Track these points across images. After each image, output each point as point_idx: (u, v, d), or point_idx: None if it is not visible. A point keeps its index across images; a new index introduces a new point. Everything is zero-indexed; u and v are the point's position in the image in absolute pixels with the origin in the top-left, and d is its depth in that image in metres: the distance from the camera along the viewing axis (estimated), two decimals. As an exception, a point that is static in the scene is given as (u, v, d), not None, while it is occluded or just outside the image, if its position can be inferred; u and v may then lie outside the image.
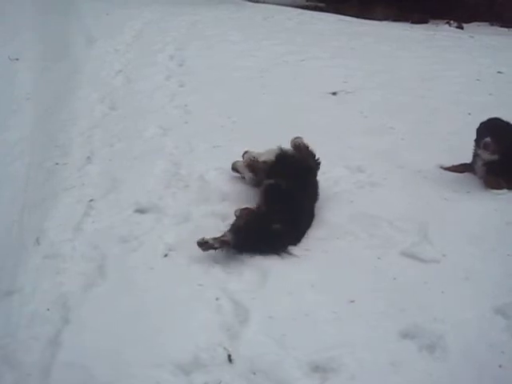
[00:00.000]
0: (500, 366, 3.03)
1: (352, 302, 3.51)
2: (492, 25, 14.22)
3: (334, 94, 7.82)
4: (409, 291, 3.60)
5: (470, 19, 14.18)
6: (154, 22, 12.46)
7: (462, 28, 13.90)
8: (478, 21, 14.29)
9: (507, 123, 5.04)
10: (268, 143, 5.66)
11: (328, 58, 9.57)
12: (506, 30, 13.68)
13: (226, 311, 3.46)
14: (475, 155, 5.23)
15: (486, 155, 5.03)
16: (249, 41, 10.55)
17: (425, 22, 14.44)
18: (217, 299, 3.55)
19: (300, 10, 14.79)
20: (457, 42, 11.13)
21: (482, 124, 5.14)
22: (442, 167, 5.51)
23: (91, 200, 4.80)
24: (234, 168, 5.20)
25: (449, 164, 5.52)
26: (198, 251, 3.98)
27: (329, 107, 7.30)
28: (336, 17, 14.02)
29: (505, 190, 4.96)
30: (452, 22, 14.19)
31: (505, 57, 9.84)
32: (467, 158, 5.40)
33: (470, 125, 6.41)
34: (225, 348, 3.15)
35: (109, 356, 3.13)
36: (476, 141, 5.14)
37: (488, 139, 4.90)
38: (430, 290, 3.61)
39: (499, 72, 8.87)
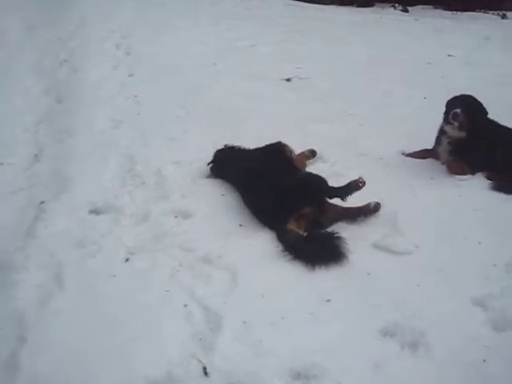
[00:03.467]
0: (484, 361, 2.95)
1: (328, 301, 3.36)
2: (436, 8, 14.33)
3: (288, 80, 7.68)
4: (385, 286, 3.47)
5: (415, 2, 14.25)
6: (99, 8, 11.91)
7: (407, 11, 13.96)
8: (422, 4, 14.38)
9: (477, 100, 4.98)
10: (225, 133, 5.48)
11: (278, 43, 9.41)
12: (449, 13, 13.80)
13: (197, 319, 3.24)
14: (440, 135, 5.16)
15: (453, 131, 4.96)
16: (197, 27, 10.25)
17: (370, 5, 14.43)
18: (185, 306, 3.33)
19: (246, -5, 14.52)
20: (404, 26, 11.14)
21: (453, 97, 5.08)
22: (403, 153, 5.44)
23: (42, 202, 4.47)
24: None
25: (409, 150, 5.46)
26: (160, 253, 3.76)
27: (284, 94, 7.15)
28: (283, 1, 13.80)
29: (468, 176, 4.92)
30: (397, 5, 14.23)
31: (453, 40, 9.91)
32: (427, 143, 5.34)
33: (426, 109, 6.46)
34: (199, 360, 2.94)
35: (74, 377, 2.88)
36: (445, 114, 5.07)
37: (458, 110, 4.83)
38: (406, 283, 3.50)
39: (449, 55, 8.91)
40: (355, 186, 4.18)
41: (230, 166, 4.79)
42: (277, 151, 4.84)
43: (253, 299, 3.37)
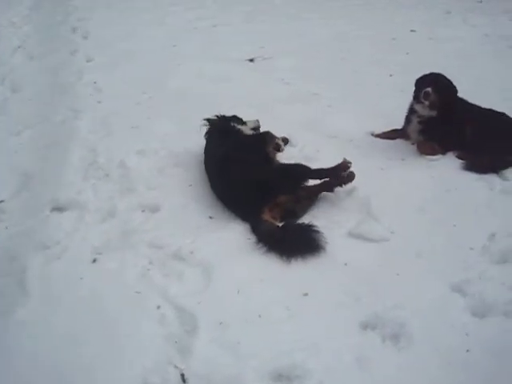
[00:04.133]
0: (468, 351, 2.89)
1: (305, 294, 3.26)
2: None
3: (251, 60, 7.52)
4: (363, 276, 3.39)
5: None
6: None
7: (367, -15, 13.79)
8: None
9: (447, 79, 4.91)
10: (189, 118, 5.31)
11: (240, 23, 9.20)
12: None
13: (171, 321, 3.11)
14: (409, 114, 5.09)
15: (423, 110, 4.89)
16: (157, 8, 9.97)
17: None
18: (158, 308, 3.20)
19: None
20: (367, 1, 10.96)
21: (423, 76, 4.99)
22: (372, 134, 5.35)
23: (1, 201, 4.27)
24: None
25: (379, 130, 5.37)
26: (129, 252, 3.61)
27: (248, 75, 6.99)
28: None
29: (439, 156, 4.86)
30: (358, -22, 14.06)
31: (415, 14, 9.81)
32: (396, 123, 5.27)
33: (393, 86, 6.37)
34: (176, 366, 2.82)
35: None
36: (415, 93, 4.98)
37: (429, 89, 4.75)
38: (385, 272, 3.42)
39: (412, 30, 8.83)
40: (344, 166, 4.12)
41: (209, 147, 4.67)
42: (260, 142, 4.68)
43: (228, 296, 3.25)
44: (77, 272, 3.49)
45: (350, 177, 4.13)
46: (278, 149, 4.79)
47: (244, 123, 4.89)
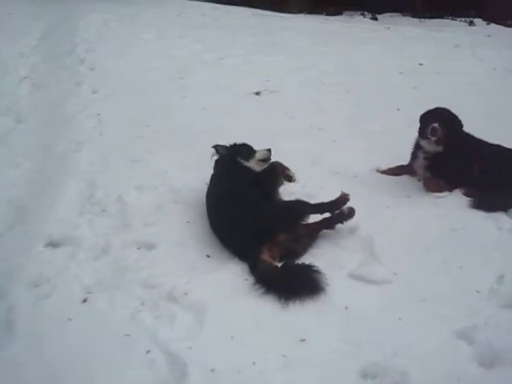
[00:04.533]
0: (473, 406, 2.72)
1: (302, 340, 3.11)
2: (404, 15, 14.29)
3: (258, 93, 7.45)
4: (363, 321, 3.23)
5: (382, 9, 14.17)
6: (62, 21, 11.62)
7: (376, 19, 13.90)
8: (390, 11, 14.31)
9: (453, 113, 4.80)
10: (191, 153, 5.22)
11: (247, 55, 9.18)
12: (418, 20, 13.76)
13: (160, 367, 2.96)
14: (415, 150, 4.98)
15: (429, 145, 4.77)
16: (164, 39, 9.99)
17: (339, 13, 14.34)
18: (148, 352, 3.05)
19: (212, 4, 14.32)
20: (375, 34, 10.99)
21: (428, 111, 4.88)
22: (378, 170, 5.23)
23: (-6, 236, 4.17)
24: None
25: (384, 166, 5.25)
26: (121, 291, 3.48)
27: (253, 109, 6.92)
28: (251, 11, 13.66)
29: (445, 193, 4.72)
30: (366, 13, 14.15)
31: (423, 48, 9.80)
32: (402, 159, 5.15)
33: (399, 121, 6.27)
34: (163, 417, 2.66)
35: None
36: (420, 129, 4.87)
37: (436, 124, 4.63)
38: (386, 317, 3.26)
39: (420, 64, 8.78)
40: (343, 199, 4.02)
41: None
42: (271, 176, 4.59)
43: (221, 342, 3.10)
44: (65, 312, 3.35)
45: (351, 213, 4.00)
46: (290, 180, 4.73)
47: (254, 152, 4.70)
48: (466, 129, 4.84)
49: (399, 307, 3.33)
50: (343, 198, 4.02)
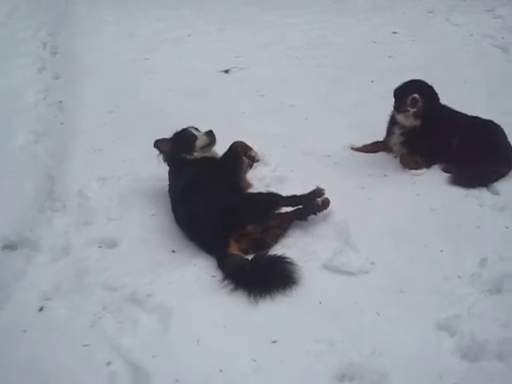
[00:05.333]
0: (457, 405, 2.54)
1: (274, 342, 2.90)
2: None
3: (227, 71, 7.18)
4: (339, 317, 3.02)
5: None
6: (22, 3, 11.15)
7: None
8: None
9: (430, 85, 4.57)
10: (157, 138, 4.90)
11: (215, 32, 8.86)
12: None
13: (122, 379, 2.74)
14: (391, 125, 4.76)
15: (406, 120, 4.56)
16: (126, 19, 9.59)
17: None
18: (108, 364, 2.83)
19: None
20: (343, 5, 10.58)
21: (403, 84, 4.65)
22: (352, 148, 5.01)
23: None
24: None
25: (359, 143, 5.03)
26: (80, 296, 3.25)
27: (222, 87, 6.64)
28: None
29: (423, 170, 4.52)
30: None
31: (396, 16, 9.49)
32: (378, 135, 4.93)
33: (374, 94, 6.03)
34: None
35: None
36: (395, 103, 4.65)
37: (416, 95, 4.40)
38: (363, 312, 3.06)
39: (394, 32, 8.50)
40: (318, 194, 3.82)
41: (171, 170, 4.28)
42: (231, 161, 4.29)
43: (187, 348, 2.88)
44: (20, 323, 3.11)
45: (325, 204, 3.78)
46: (253, 160, 4.51)
47: (195, 140, 4.26)
48: (442, 100, 4.62)
49: (376, 300, 3.13)
50: (317, 193, 3.81)
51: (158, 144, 4.30)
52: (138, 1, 10.92)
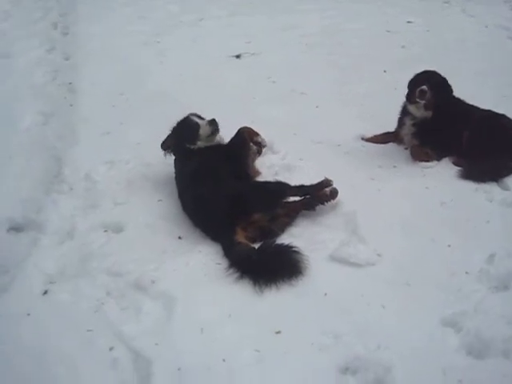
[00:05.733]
0: (460, 402, 2.51)
1: (278, 333, 2.88)
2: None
3: (238, 56, 7.11)
4: (344, 310, 3.00)
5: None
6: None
7: (363, -26, 13.36)
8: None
9: (443, 77, 4.51)
10: (167, 122, 4.87)
11: (227, 16, 8.75)
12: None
13: (124, 366, 2.73)
14: (402, 116, 4.71)
15: (418, 111, 4.51)
16: (140, 1, 9.50)
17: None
18: (111, 349, 2.82)
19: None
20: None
21: (416, 75, 4.59)
22: (363, 138, 4.96)
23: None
24: None
25: (369, 133, 4.98)
26: (85, 280, 3.24)
27: (233, 73, 6.59)
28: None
29: (433, 162, 4.47)
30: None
31: (411, 4, 9.35)
32: (388, 125, 4.88)
33: (386, 84, 5.97)
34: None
35: None
36: (408, 94, 4.59)
37: (425, 87, 4.35)
38: (369, 305, 3.03)
39: (409, 22, 8.39)
40: (326, 184, 3.78)
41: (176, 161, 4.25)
42: (238, 147, 4.25)
43: (190, 336, 2.86)
44: (24, 307, 3.10)
45: (333, 194, 3.75)
46: (260, 146, 4.46)
47: (198, 129, 4.20)
48: (456, 92, 4.56)
49: (383, 293, 3.10)
50: (325, 184, 3.78)
51: (164, 145, 4.25)
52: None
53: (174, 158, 4.25)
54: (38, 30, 8.42)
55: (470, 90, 4.81)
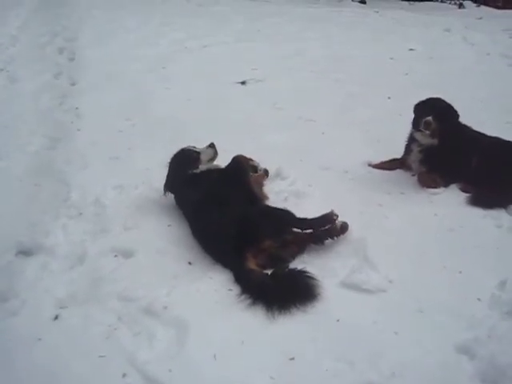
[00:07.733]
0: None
1: (291, 359, 2.86)
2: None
3: (243, 83, 7.19)
4: (357, 336, 2.98)
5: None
6: (42, 9, 11.26)
7: (364, 2, 13.67)
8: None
9: (449, 104, 4.54)
10: (173, 147, 4.91)
11: (233, 43, 8.89)
12: (407, 3, 13.52)
13: (137, 392, 2.71)
14: (409, 142, 4.74)
15: (424, 138, 4.53)
16: (146, 27, 9.66)
17: (327, -4, 13.99)
18: (124, 376, 2.79)
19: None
20: (364, 19, 10.68)
21: (421, 102, 4.62)
22: (370, 164, 4.99)
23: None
24: None
25: (376, 160, 5.00)
26: (96, 306, 3.22)
27: (238, 99, 6.66)
28: (236, -4, 13.28)
29: (441, 189, 4.49)
30: (354, -4, 13.88)
31: (413, 32, 9.53)
32: (394, 151, 4.91)
33: (391, 111, 6.04)
34: None
35: None
36: (414, 121, 4.62)
37: (429, 118, 4.38)
38: (382, 331, 3.02)
39: (411, 49, 8.52)
40: (329, 218, 3.73)
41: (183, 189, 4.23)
42: (236, 171, 4.25)
43: (203, 363, 2.84)
44: (35, 331, 3.08)
45: (343, 228, 3.75)
46: (256, 170, 4.47)
47: (198, 154, 4.33)
48: (461, 118, 4.60)
49: (395, 319, 3.09)
50: (330, 218, 3.73)
51: (167, 187, 4.28)
52: (159, 10, 10.99)
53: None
54: (44, 55, 8.56)
55: (473, 116, 4.85)
